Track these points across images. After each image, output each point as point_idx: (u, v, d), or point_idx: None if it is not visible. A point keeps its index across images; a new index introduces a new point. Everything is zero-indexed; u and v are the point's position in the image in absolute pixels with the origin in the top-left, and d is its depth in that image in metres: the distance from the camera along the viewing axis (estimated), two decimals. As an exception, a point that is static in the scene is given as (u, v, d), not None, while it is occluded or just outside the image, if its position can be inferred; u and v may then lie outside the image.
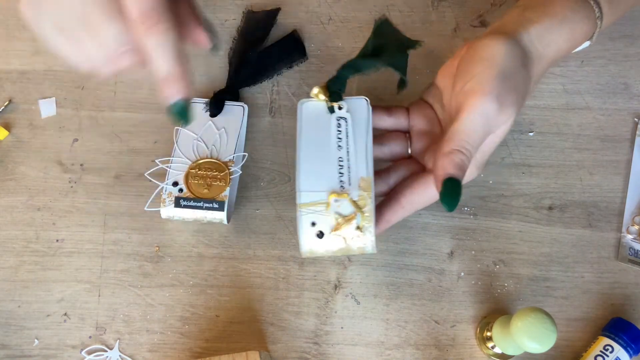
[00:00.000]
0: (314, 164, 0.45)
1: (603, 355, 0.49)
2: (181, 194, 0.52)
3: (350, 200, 0.43)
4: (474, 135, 0.38)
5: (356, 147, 0.45)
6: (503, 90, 0.38)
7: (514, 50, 0.40)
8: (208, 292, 0.53)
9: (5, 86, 0.60)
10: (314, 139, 0.46)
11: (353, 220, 0.42)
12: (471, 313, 0.53)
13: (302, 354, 0.51)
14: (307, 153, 0.45)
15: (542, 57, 0.42)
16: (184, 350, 0.51)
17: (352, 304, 0.53)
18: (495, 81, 0.39)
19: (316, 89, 0.46)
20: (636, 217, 0.55)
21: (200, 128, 0.55)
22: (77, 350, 0.51)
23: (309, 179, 0.44)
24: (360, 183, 0.43)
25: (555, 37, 0.42)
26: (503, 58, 0.39)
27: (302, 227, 0.43)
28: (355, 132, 0.45)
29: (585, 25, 0.43)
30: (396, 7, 0.63)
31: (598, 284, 0.53)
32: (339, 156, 0.45)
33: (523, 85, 0.41)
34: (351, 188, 0.43)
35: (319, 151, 0.45)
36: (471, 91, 0.39)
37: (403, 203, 0.45)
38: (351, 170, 0.44)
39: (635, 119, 0.58)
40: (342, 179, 0.44)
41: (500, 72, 0.39)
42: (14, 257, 0.54)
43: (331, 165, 0.44)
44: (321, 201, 0.43)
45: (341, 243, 0.43)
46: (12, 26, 0.62)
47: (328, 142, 0.45)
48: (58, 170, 0.57)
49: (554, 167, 0.57)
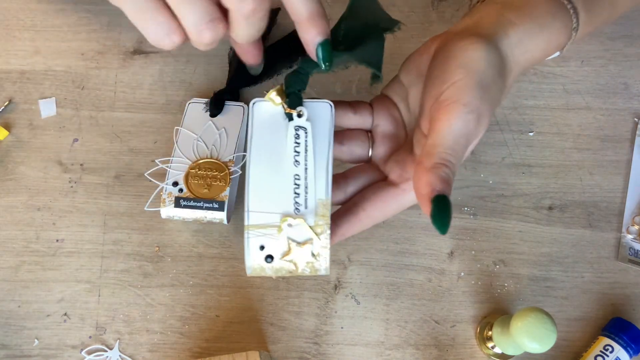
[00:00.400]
0: (266, 180, 0.39)
1: (603, 355, 0.49)
2: (181, 194, 0.52)
3: (306, 224, 0.38)
4: (457, 148, 0.36)
5: (315, 165, 0.39)
6: (482, 101, 0.36)
7: (493, 57, 0.37)
8: (208, 292, 0.53)
9: (5, 86, 0.60)
10: (267, 150, 0.40)
11: (307, 246, 0.38)
12: (471, 313, 0.53)
13: (302, 354, 0.51)
14: (258, 167, 0.39)
15: (518, 63, 0.39)
16: (184, 350, 0.51)
17: (352, 304, 0.53)
18: (475, 92, 0.36)
19: (272, 92, 0.40)
20: (636, 217, 0.55)
21: (200, 128, 0.55)
22: (77, 350, 0.51)
23: (260, 198, 0.39)
24: (318, 208, 0.39)
25: (534, 44, 0.39)
26: (483, 66, 0.37)
27: (249, 250, 0.38)
28: (316, 145, 0.39)
29: (562, 35, 0.41)
30: (396, 7, 0.63)
31: (598, 284, 0.53)
32: (295, 173, 0.39)
33: (497, 95, 0.38)
34: (307, 212, 0.38)
35: (272, 166, 0.39)
36: (450, 101, 0.36)
37: (361, 217, 0.41)
38: (308, 191, 0.39)
39: (635, 119, 0.58)
40: (297, 200, 0.39)
41: (479, 82, 0.36)
42: (14, 257, 0.54)
43: (286, 184, 0.39)
44: (273, 224, 0.38)
45: (292, 267, 0.39)
46: (12, 26, 0.62)
47: (283, 156, 0.39)
48: (58, 170, 0.57)
49: (554, 167, 0.57)
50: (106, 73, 0.60)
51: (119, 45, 0.61)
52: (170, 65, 0.60)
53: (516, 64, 0.39)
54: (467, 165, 0.57)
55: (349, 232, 0.42)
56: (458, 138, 0.36)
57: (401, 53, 0.60)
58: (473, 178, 0.56)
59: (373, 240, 0.54)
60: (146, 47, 0.61)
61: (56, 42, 0.61)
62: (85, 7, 0.63)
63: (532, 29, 0.39)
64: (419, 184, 0.35)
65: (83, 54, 0.61)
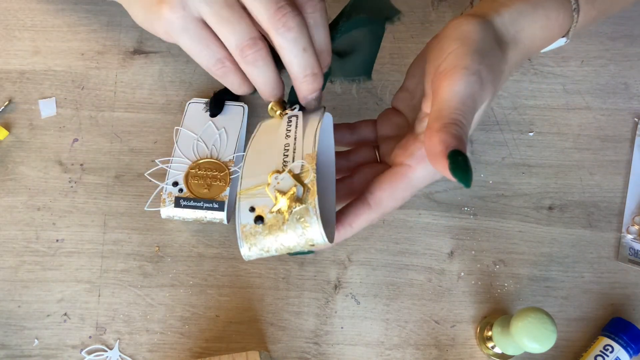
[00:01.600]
0: (260, 154, 0.40)
1: (603, 355, 0.49)
2: (181, 194, 0.52)
3: (290, 173, 0.38)
4: (464, 109, 0.34)
5: (304, 132, 0.40)
6: (482, 65, 0.35)
7: (487, 30, 0.37)
8: (208, 292, 0.53)
9: (5, 86, 0.60)
10: (265, 139, 0.41)
11: (294, 193, 0.37)
12: (471, 313, 0.53)
13: (302, 354, 0.51)
14: (255, 148, 0.41)
15: (516, 41, 0.39)
16: (184, 350, 0.51)
17: (352, 304, 0.53)
18: (473, 56, 0.36)
19: (270, 105, 0.42)
20: (636, 217, 0.55)
21: (200, 128, 0.55)
22: (77, 350, 0.51)
23: (253, 166, 0.39)
24: (304, 159, 0.38)
25: (529, 21, 0.39)
26: (477, 36, 0.37)
27: (241, 214, 0.38)
28: (307, 123, 0.40)
29: (561, 15, 0.40)
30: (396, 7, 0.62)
31: (598, 284, 0.53)
32: (285, 143, 0.39)
33: (498, 65, 0.38)
34: (294, 164, 0.38)
35: (267, 145, 0.40)
36: (449, 67, 0.36)
37: (370, 203, 0.39)
38: (296, 151, 0.39)
39: (635, 119, 0.58)
40: (286, 159, 0.39)
41: (476, 49, 0.36)
42: (14, 257, 0.54)
43: (276, 152, 0.39)
44: (261, 183, 0.38)
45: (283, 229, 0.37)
46: (12, 26, 0.62)
47: (277, 135, 0.40)
48: (58, 170, 0.57)
49: (554, 167, 0.57)
50: (106, 73, 0.60)
51: (119, 45, 0.61)
52: (170, 65, 0.60)
53: (515, 40, 0.39)
54: (467, 165, 0.57)
55: (358, 223, 0.40)
56: (464, 99, 0.34)
57: (401, 53, 0.60)
58: (473, 178, 0.56)
59: (373, 240, 0.55)
60: (146, 47, 0.61)
61: (56, 42, 0.61)
62: (85, 7, 0.63)
63: (525, 9, 0.39)
64: (431, 144, 0.33)
65: (83, 54, 0.61)
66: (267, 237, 0.37)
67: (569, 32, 0.43)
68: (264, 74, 0.39)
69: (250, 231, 0.37)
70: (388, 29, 0.63)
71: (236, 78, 0.40)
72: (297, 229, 0.37)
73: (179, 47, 0.39)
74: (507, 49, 0.39)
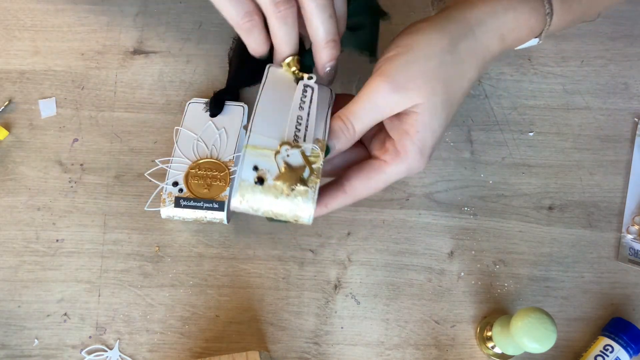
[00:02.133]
0: (273, 110, 0.42)
1: (603, 355, 0.49)
2: (181, 194, 0.52)
3: (302, 152, 0.40)
4: (358, 109, 0.40)
5: (318, 113, 0.42)
6: (403, 74, 0.40)
7: (434, 38, 0.40)
8: (208, 292, 0.53)
9: (5, 86, 0.60)
10: (277, 95, 0.43)
11: (301, 173, 0.39)
12: (471, 313, 0.53)
13: (302, 354, 0.51)
14: (266, 103, 0.42)
15: (480, 42, 0.41)
16: (184, 350, 0.51)
17: (352, 304, 0.53)
18: (396, 65, 0.40)
19: (289, 59, 0.43)
20: (636, 217, 0.55)
21: (200, 128, 0.55)
22: (77, 350, 0.51)
23: (264, 123, 0.41)
24: (315, 144, 0.40)
25: (498, 24, 0.41)
26: (417, 46, 0.40)
27: (243, 169, 0.39)
28: (319, 101, 0.42)
29: (533, 19, 0.42)
30: (396, 7, 0.62)
31: (598, 284, 0.53)
32: (298, 114, 0.41)
33: (444, 71, 0.40)
34: (305, 144, 0.40)
35: (279, 104, 0.42)
36: (375, 70, 0.41)
37: (346, 189, 0.43)
38: (308, 129, 0.41)
39: (635, 119, 0.58)
40: (297, 133, 0.41)
41: (407, 58, 0.40)
42: (14, 257, 0.54)
43: (290, 120, 0.41)
44: (271, 147, 0.40)
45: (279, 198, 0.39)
46: (12, 26, 0.62)
47: (290, 100, 0.42)
48: (58, 170, 0.57)
49: (554, 167, 0.57)
50: (106, 73, 0.60)
51: (119, 45, 0.61)
52: (170, 65, 0.60)
53: (479, 42, 0.41)
54: (467, 165, 0.57)
55: (333, 204, 0.43)
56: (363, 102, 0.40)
57: (401, 53, 0.60)
58: (473, 178, 0.56)
59: (373, 240, 0.55)
60: (146, 47, 0.61)
61: (56, 42, 0.61)
62: (85, 7, 0.63)
63: (494, 11, 0.41)
64: None
65: (83, 54, 0.61)
66: (261, 199, 0.39)
67: (541, 33, 0.44)
68: (289, 32, 0.41)
69: (247, 187, 0.39)
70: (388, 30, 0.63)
71: (260, 34, 0.42)
72: (292, 204, 0.39)
73: (179, 47, 0.39)
74: (468, 51, 0.41)
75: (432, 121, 0.41)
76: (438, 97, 0.40)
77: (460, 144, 0.58)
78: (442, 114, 0.41)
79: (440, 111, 0.41)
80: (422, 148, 0.41)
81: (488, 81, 0.60)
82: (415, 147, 0.41)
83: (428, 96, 0.40)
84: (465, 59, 0.41)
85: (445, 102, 0.41)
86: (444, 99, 0.41)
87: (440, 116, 0.41)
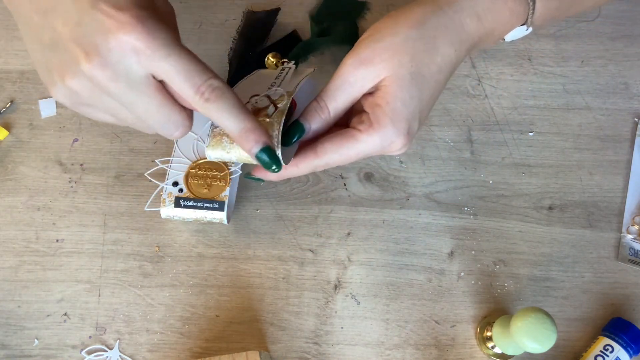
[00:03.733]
0: (251, 87, 0.45)
1: (603, 355, 0.49)
2: (181, 194, 0.52)
3: (267, 96, 0.42)
4: (331, 88, 0.42)
5: (291, 80, 0.45)
6: (370, 50, 0.41)
7: (400, 17, 0.42)
8: (208, 292, 0.53)
9: (5, 86, 0.60)
10: (257, 80, 0.46)
11: (266, 111, 0.41)
12: (471, 313, 0.53)
13: (302, 354, 0.51)
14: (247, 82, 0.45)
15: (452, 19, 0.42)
16: (184, 350, 0.51)
17: (352, 304, 0.53)
18: (363, 44, 0.42)
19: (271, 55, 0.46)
20: (636, 217, 0.55)
21: (200, 128, 0.55)
22: (77, 350, 0.51)
23: (242, 92, 0.44)
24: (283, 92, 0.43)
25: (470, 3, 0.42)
26: (383, 26, 0.42)
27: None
28: (296, 74, 0.45)
29: (513, 2, 0.43)
30: (396, 7, 0.62)
31: (598, 284, 0.53)
32: (272, 82, 0.45)
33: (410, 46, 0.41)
34: (273, 91, 0.43)
35: (257, 84, 0.45)
36: (351, 51, 0.42)
37: (318, 151, 0.43)
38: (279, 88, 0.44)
39: (635, 119, 0.58)
40: (268, 92, 0.43)
41: (373, 38, 0.41)
42: (14, 257, 0.54)
43: (263, 87, 0.44)
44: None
45: None
46: (12, 26, 0.62)
47: (268, 79, 0.45)
48: (58, 170, 0.57)
49: (554, 167, 0.57)
50: (106, 73, 0.60)
51: (119, 45, 0.61)
52: (170, 65, 0.60)
53: (450, 19, 0.42)
54: (467, 165, 0.57)
55: (303, 165, 0.43)
56: (335, 81, 0.42)
57: (401, 53, 0.60)
58: (473, 178, 0.56)
59: (373, 240, 0.55)
60: (146, 47, 0.61)
61: (56, 42, 0.61)
62: (85, 7, 0.62)
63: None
64: None
65: (83, 54, 0.61)
66: (231, 143, 0.41)
67: (527, 20, 0.44)
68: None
69: (219, 133, 0.41)
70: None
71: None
72: None
73: None
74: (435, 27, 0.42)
75: (402, 92, 0.41)
76: (405, 69, 0.41)
77: (460, 144, 0.58)
78: (412, 86, 0.41)
79: (409, 83, 0.41)
80: (394, 119, 0.41)
81: (488, 81, 0.60)
82: (387, 117, 0.41)
83: (395, 68, 0.41)
84: (436, 34, 0.42)
85: (415, 74, 0.41)
86: (413, 72, 0.41)
87: (410, 88, 0.41)
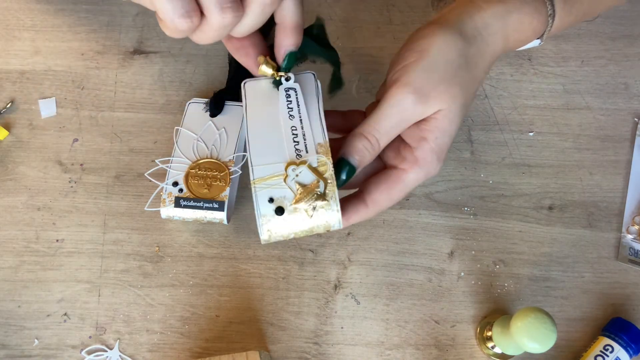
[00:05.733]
0: (265, 135, 0.41)
1: (603, 355, 0.49)
2: (181, 194, 0.52)
3: (309, 167, 0.39)
4: (384, 124, 0.40)
5: (309, 114, 0.41)
6: (426, 82, 0.39)
7: (450, 41, 0.40)
8: (208, 292, 0.53)
9: (5, 86, 0.60)
10: (263, 114, 0.41)
11: (316, 188, 0.39)
12: (471, 313, 0.53)
13: (302, 354, 0.51)
14: (256, 129, 0.41)
15: (488, 44, 0.42)
16: (184, 350, 0.51)
17: (352, 304, 0.53)
18: (417, 73, 0.39)
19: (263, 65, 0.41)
20: (636, 217, 0.55)
21: (200, 128, 0.55)
22: (77, 350, 0.51)
23: (262, 152, 0.40)
24: (317, 149, 0.40)
25: (502, 25, 0.41)
26: (435, 50, 0.40)
27: (260, 205, 0.39)
28: (307, 100, 0.41)
29: (535, 20, 0.42)
30: (396, 7, 0.63)
31: (598, 284, 0.53)
32: (292, 125, 0.41)
33: (460, 76, 0.40)
34: (309, 155, 0.39)
35: (269, 124, 0.41)
36: (393, 81, 0.40)
37: (367, 201, 0.42)
38: (307, 138, 0.40)
39: (635, 119, 0.58)
40: (297, 147, 0.40)
41: (426, 64, 0.39)
42: (14, 257, 0.54)
43: (285, 136, 0.40)
44: (278, 173, 0.39)
45: (304, 219, 0.39)
46: (12, 26, 0.62)
47: (278, 114, 0.41)
48: (58, 170, 0.57)
49: (554, 167, 0.57)
50: (106, 73, 0.60)
51: (119, 45, 0.61)
52: (170, 66, 0.60)
53: (486, 44, 0.41)
54: (467, 165, 0.57)
55: (355, 218, 0.43)
56: (388, 115, 0.40)
57: (401, 53, 0.60)
58: (473, 178, 0.56)
59: (373, 240, 0.55)
60: (146, 47, 0.61)
61: (56, 42, 0.61)
62: (85, 7, 0.63)
63: (499, 12, 0.41)
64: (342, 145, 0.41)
65: (83, 54, 0.61)
66: (287, 226, 0.39)
67: (543, 34, 0.44)
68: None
69: (269, 220, 0.39)
70: (388, 29, 0.63)
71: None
72: (318, 220, 0.39)
73: (179, 47, 0.38)
74: (477, 55, 0.41)
75: (450, 126, 0.41)
76: (457, 102, 0.40)
77: (460, 144, 0.58)
78: (459, 119, 0.41)
79: (457, 116, 0.41)
80: (440, 153, 0.41)
81: (488, 81, 0.60)
82: (434, 153, 0.41)
83: (449, 102, 0.40)
84: (477, 62, 0.41)
85: (463, 106, 0.41)
86: (462, 104, 0.41)
87: (457, 121, 0.41)
